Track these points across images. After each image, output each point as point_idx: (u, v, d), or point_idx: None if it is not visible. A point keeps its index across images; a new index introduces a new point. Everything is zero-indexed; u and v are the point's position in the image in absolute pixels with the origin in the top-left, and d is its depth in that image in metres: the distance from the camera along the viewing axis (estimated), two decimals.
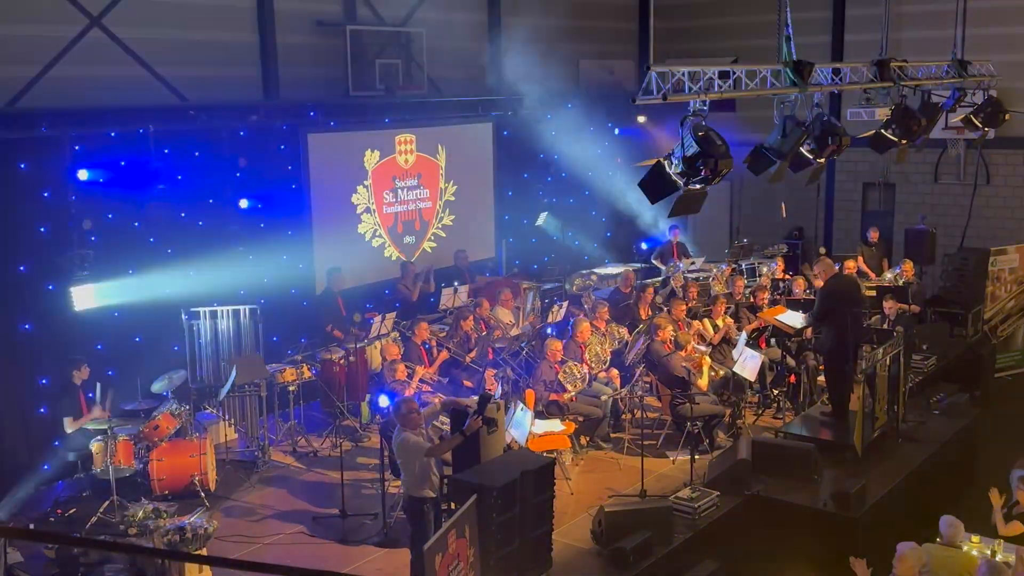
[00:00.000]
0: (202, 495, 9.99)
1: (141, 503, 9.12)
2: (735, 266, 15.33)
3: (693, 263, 15.68)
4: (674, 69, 8.59)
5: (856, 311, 10.87)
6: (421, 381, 11.07)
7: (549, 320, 13.06)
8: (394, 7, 14.78)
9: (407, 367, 10.96)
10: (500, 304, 13.29)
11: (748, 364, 11.48)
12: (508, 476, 7.97)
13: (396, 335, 12.45)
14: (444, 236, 15.28)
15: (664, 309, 13.03)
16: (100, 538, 9.16)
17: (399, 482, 8.90)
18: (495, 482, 7.85)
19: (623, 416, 11.66)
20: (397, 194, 14.57)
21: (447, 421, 9.68)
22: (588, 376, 11.41)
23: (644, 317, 12.94)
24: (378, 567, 8.96)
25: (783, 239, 17.22)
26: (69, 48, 11.45)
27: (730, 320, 12.70)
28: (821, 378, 12.12)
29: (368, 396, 11.84)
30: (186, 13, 12.40)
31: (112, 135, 10.99)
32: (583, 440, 11.22)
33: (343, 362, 12.01)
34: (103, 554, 8.69)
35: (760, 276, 14.91)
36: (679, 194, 8.56)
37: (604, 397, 11.39)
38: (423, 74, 14.70)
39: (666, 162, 8.44)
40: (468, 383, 11.65)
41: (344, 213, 13.80)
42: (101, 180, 10.90)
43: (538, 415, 10.48)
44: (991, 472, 9.50)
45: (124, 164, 11.11)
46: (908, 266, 14.65)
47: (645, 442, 10.62)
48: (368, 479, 10.54)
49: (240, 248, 11.89)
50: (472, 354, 11.93)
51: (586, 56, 18.17)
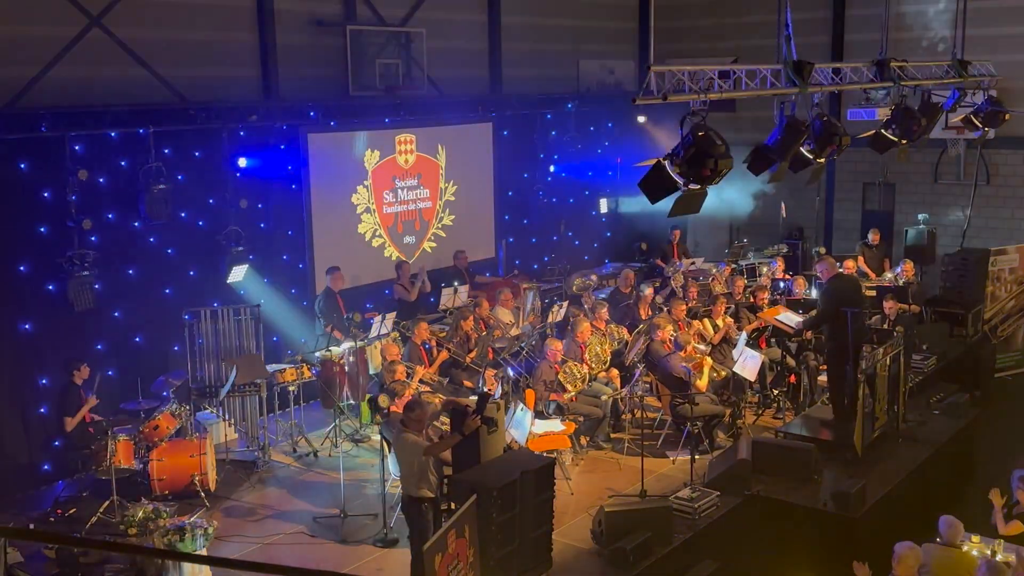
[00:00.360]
0: (202, 495, 9.99)
1: (141, 503, 9.12)
2: (735, 266, 15.33)
3: (693, 263, 15.68)
4: (674, 69, 8.59)
5: (856, 311, 10.87)
6: (421, 381, 11.06)
7: (549, 320, 13.07)
8: (394, 7, 14.77)
9: (407, 367, 10.95)
10: (500, 304, 13.29)
11: (748, 364, 11.48)
12: (508, 476, 7.97)
13: (396, 335, 12.45)
14: (444, 236, 15.27)
15: (664, 309, 13.03)
16: (100, 538, 9.15)
17: (399, 481, 8.91)
18: (495, 482, 7.86)
19: (623, 416, 11.66)
20: (397, 194, 14.56)
21: (447, 421, 9.68)
22: (588, 376, 11.41)
23: (644, 317, 12.94)
24: (378, 567, 8.97)
25: (783, 239, 17.22)
26: (69, 48, 11.44)
27: (730, 320, 12.70)
28: (821, 378, 12.13)
29: (368, 396, 11.83)
30: (186, 13, 12.40)
31: (112, 135, 10.99)
32: (583, 440, 11.22)
33: (343, 362, 12.02)
34: (103, 554, 8.70)
35: (760, 276, 14.91)
36: (679, 194, 8.56)
37: (604, 397, 11.39)
38: (423, 74, 14.69)
39: (666, 162, 8.45)
40: (468, 383, 11.65)
41: (344, 213, 13.79)
42: (101, 180, 10.92)
43: (538, 415, 10.48)
44: (991, 472, 9.50)
45: (124, 164, 11.13)
46: (908, 266, 14.66)
47: (645, 442, 10.62)
48: (368, 479, 10.54)
49: (240, 248, 11.89)
50: (472, 354, 11.93)
51: (586, 56, 18.17)
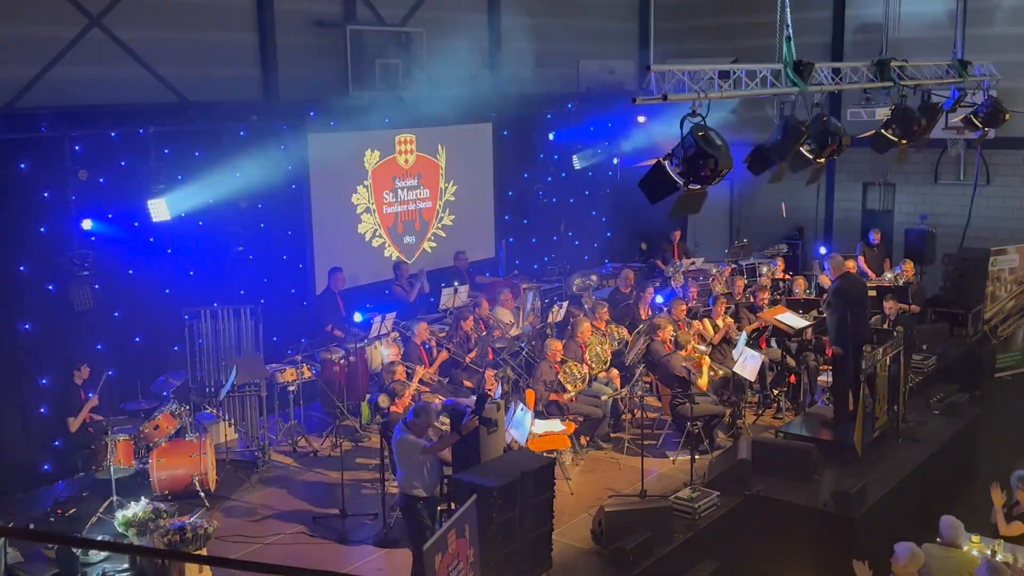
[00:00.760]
0: (202, 495, 9.99)
1: (141, 503, 9.12)
2: (735, 266, 15.33)
3: (693, 263, 15.68)
4: (674, 69, 8.59)
5: (857, 311, 10.87)
6: (420, 382, 11.06)
7: (549, 320, 13.06)
8: (394, 7, 14.77)
9: (407, 367, 10.95)
10: (500, 304, 13.29)
11: (748, 364, 11.48)
12: (508, 476, 7.97)
13: (396, 335, 12.45)
14: (444, 236, 15.27)
15: (664, 309, 13.03)
16: (100, 538, 9.15)
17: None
18: (495, 482, 7.85)
19: (623, 416, 11.66)
20: (397, 194, 14.56)
21: (447, 421, 9.69)
22: (588, 376, 11.41)
23: (644, 317, 12.94)
24: (378, 567, 8.97)
25: (783, 239, 17.22)
26: (69, 48, 11.44)
27: (730, 320, 12.70)
28: (821, 378, 12.13)
29: (368, 396, 11.84)
30: (186, 13, 12.40)
31: (112, 135, 10.99)
32: (583, 440, 11.22)
33: (343, 362, 12.02)
34: (103, 554, 8.69)
35: (760, 276, 14.91)
36: (679, 194, 8.56)
37: (604, 397, 11.39)
38: (423, 74, 14.69)
39: (666, 162, 8.44)
40: (468, 383, 11.65)
41: (344, 213, 13.79)
42: (101, 180, 10.92)
43: (538, 415, 10.48)
44: (991, 472, 9.49)
45: (124, 164, 11.12)
46: (908, 266, 14.65)
47: (645, 442, 10.62)
48: (368, 479, 10.54)
49: (240, 248, 11.88)
50: (472, 354, 11.93)
51: (586, 56, 18.17)
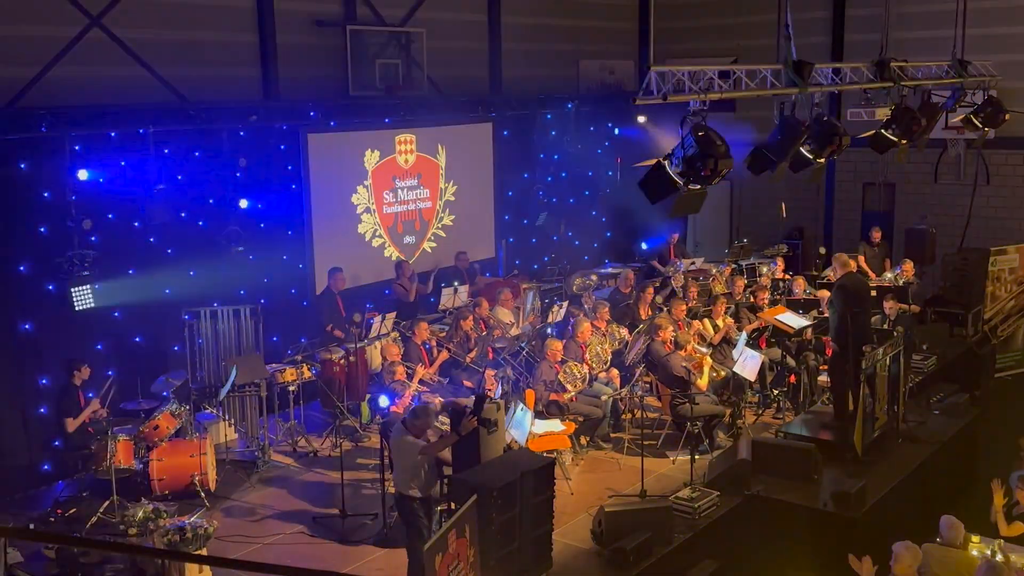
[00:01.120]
0: (202, 495, 9.99)
1: (141, 503, 9.11)
2: (735, 266, 15.33)
3: (693, 263, 15.67)
4: (674, 69, 8.59)
5: (858, 311, 10.86)
6: (421, 382, 11.06)
7: (549, 320, 13.06)
8: (394, 7, 14.77)
9: (407, 367, 10.95)
10: (500, 304, 13.28)
11: (748, 364, 11.48)
12: (508, 476, 7.97)
13: (396, 335, 12.45)
14: (444, 236, 15.27)
15: (664, 309, 13.03)
16: (100, 538, 9.15)
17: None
18: (495, 482, 7.85)
19: (623, 416, 11.66)
20: (397, 194, 14.56)
21: (447, 421, 9.69)
22: (588, 376, 11.41)
23: (644, 317, 12.94)
24: (378, 567, 8.96)
25: (783, 239, 17.22)
26: (69, 48, 11.44)
27: (730, 320, 12.70)
28: (821, 378, 12.13)
29: (368, 396, 11.84)
30: (186, 13, 12.40)
31: (112, 135, 10.98)
32: (583, 440, 11.22)
33: (343, 362, 12.02)
34: (103, 554, 8.70)
35: (760, 276, 14.91)
36: (679, 194, 8.56)
37: (604, 397, 11.38)
38: (423, 74, 14.70)
39: (666, 162, 8.45)
40: (468, 383, 11.65)
41: (344, 213, 13.79)
42: (101, 180, 10.91)
43: (538, 415, 10.48)
44: (991, 472, 9.49)
45: (124, 164, 11.12)
46: (908, 266, 14.65)
47: (645, 442, 10.62)
48: (368, 479, 10.54)
49: (240, 248, 11.89)
50: (472, 354, 11.93)
51: (586, 56, 18.17)
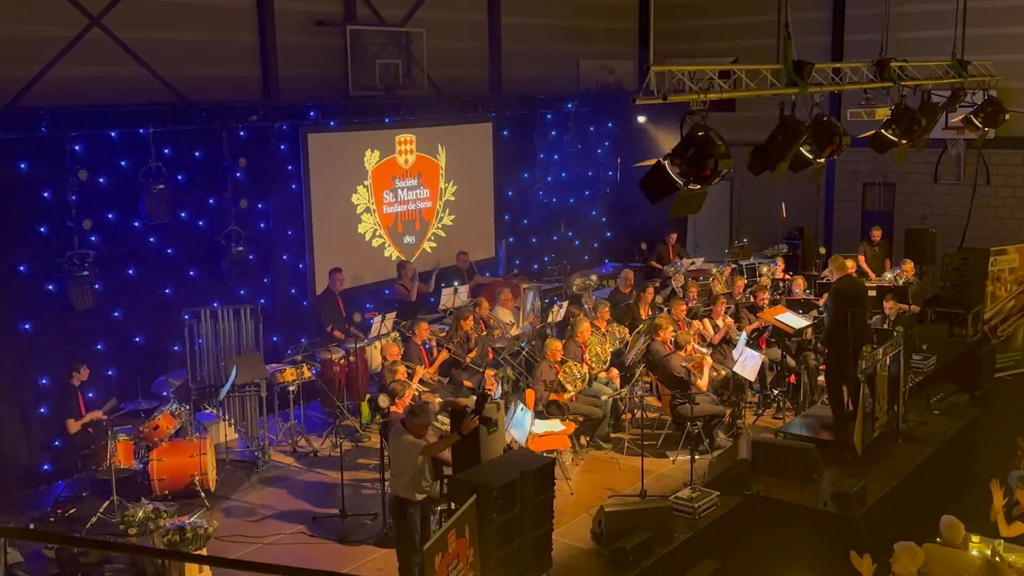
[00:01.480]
0: (202, 495, 9.99)
1: (141, 503, 9.11)
2: (735, 266, 15.33)
3: (693, 263, 15.67)
4: (674, 69, 8.59)
5: (857, 311, 10.86)
6: (421, 382, 11.06)
7: (549, 320, 13.06)
8: (394, 7, 14.77)
9: (407, 367, 10.94)
10: (500, 304, 13.28)
11: (748, 364, 11.48)
12: (508, 476, 7.95)
13: (396, 335, 12.45)
14: (444, 236, 15.27)
15: (664, 309, 13.02)
16: (100, 538, 9.15)
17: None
18: (495, 482, 7.84)
19: (623, 416, 11.66)
20: (397, 194, 14.56)
21: (447, 421, 9.68)
22: (588, 376, 11.41)
23: (644, 317, 12.94)
24: (378, 567, 8.95)
25: (783, 239, 17.22)
26: (69, 48, 11.45)
27: (730, 320, 12.70)
28: (821, 378, 12.13)
29: (368, 396, 11.84)
30: (186, 13, 12.40)
31: (112, 135, 10.99)
32: (583, 440, 11.22)
33: (343, 362, 12.02)
34: (103, 554, 8.70)
35: (760, 276, 14.91)
36: (679, 194, 8.56)
37: (604, 397, 11.38)
38: (423, 74, 14.70)
39: (666, 162, 8.44)
40: (468, 383, 11.65)
41: (344, 213, 13.79)
42: (101, 180, 10.92)
43: (538, 415, 10.48)
44: (991, 472, 9.49)
45: (124, 164, 11.13)
46: (908, 266, 14.65)
47: (645, 442, 10.62)
48: (368, 479, 10.54)
49: (240, 248, 11.89)
50: (472, 354, 11.93)
51: (586, 56, 18.17)
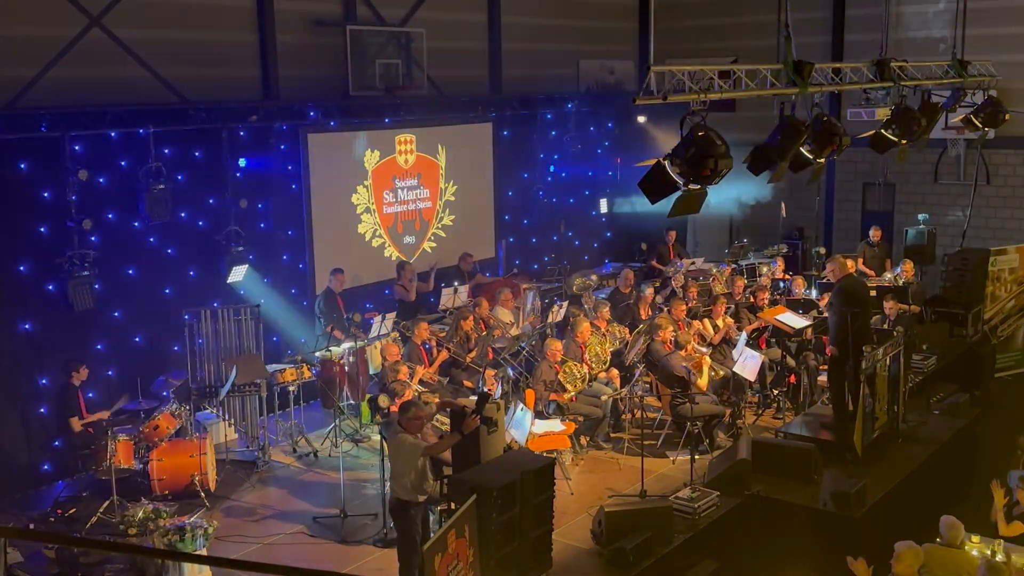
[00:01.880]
0: (202, 495, 9.99)
1: (141, 503, 9.12)
2: (735, 266, 15.33)
3: (693, 263, 15.67)
4: (674, 69, 8.59)
5: (857, 311, 10.86)
6: (421, 382, 11.06)
7: (549, 320, 13.06)
8: (394, 7, 14.77)
9: (409, 367, 10.95)
10: (500, 304, 13.28)
11: (748, 364, 11.48)
12: (508, 476, 7.96)
13: (396, 335, 12.45)
14: (444, 236, 15.27)
15: (664, 309, 13.02)
16: (100, 538, 9.15)
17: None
18: (495, 482, 7.85)
19: (623, 416, 11.66)
20: (397, 194, 14.56)
21: (446, 420, 9.69)
22: (588, 376, 11.41)
23: (644, 317, 12.94)
24: (378, 567, 8.96)
25: (783, 239, 17.22)
26: (69, 48, 11.45)
27: (730, 320, 12.70)
28: (821, 378, 12.13)
29: (368, 396, 11.84)
30: (186, 13, 12.40)
31: (112, 135, 10.99)
32: (583, 440, 11.22)
33: (343, 362, 12.02)
34: (103, 554, 8.70)
35: (760, 276, 14.91)
36: (679, 194, 8.56)
37: (604, 397, 11.38)
38: (423, 74, 14.70)
39: (666, 162, 8.44)
40: (468, 383, 11.65)
41: (344, 213, 13.79)
42: (101, 180, 10.92)
43: (538, 415, 10.48)
44: (991, 472, 9.49)
45: (124, 164, 11.13)
46: (908, 266, 14.65)
47: (645, 442, 10.62)
48: (368, 479, 10.54)
49: (240, 248, 11.89)
50: (472, 354, 11.93)
51: (586, 56, 18.17)
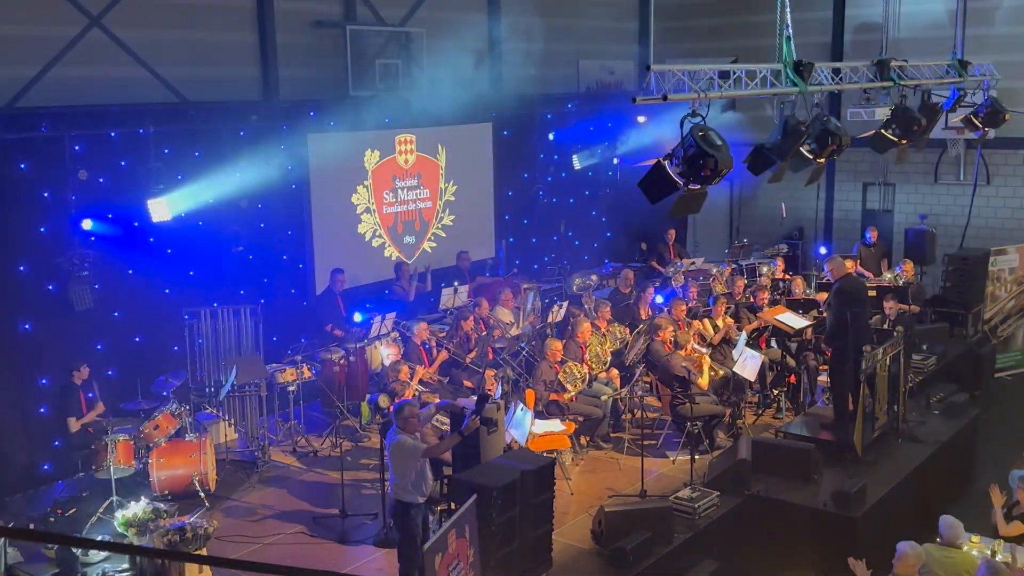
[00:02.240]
0: (202, 495, 9.99)
1: (141, 503, 9.12)
2: (735, 266, 15.33)
3: (693, 263, 15.67)
4: (674, 69, 8.59)
5: (857, 311, 10.86)
6: (421, 382, 11.06)
7: (549, 320, 13.06)
8: (394, 7, 14.78)
9: (410, 367, 10.95)
10: (500, 304, 13.29)
11: (748, 364, 11.48)
12: (508, 476, 7.96)
13: (396, 335, 12.45)
14: (444, 236, 15.28)
15: (664, 309, 13.02)
16: (100, 538, 9.15)
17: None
18: (495, 482, 7.85)
19: (623, 416, 11.66)
20: (397, 194, 14.56)
21: (446, 420, 9.69)
22: (588, 376, 11.41)
23: (644, 317, 12.94)
24: (378, 567, 8.97)
25: (783, 239, 17.22)
26: (69, 48, 11.45)
27: (730, 320, 12.70)
28: (821, 378, 12.13)
29: (368, 396, 11.85)
30: (186, 13, 12.41)
31: (112, 135, 10.99)
32: (583, 440, 11.22)
33: (343, 362, 12.02)
34: (103, 554, 8.69)
35: (760, 276, 14.91)
36: (679, 194, 8.56)
37: (604, 397, 11.39)
38: (423, 74, 14.70)
39: (666, 162, 8.44)
40: (468, 383, 11.65)
41: (344, 213, 13.80)
42: (101, 180, 10.92)
43: (538, 415, 10.48)
44: (991, 472, 9.50)
45: (124, 164, 11.13)
46: (908, 266, 14.66)
47: (645, 442, 10.62)
48: (368, 479, 10.54)
49: (240, 248, 11.89)
50: (472, 354, 11.93)
51: (586, 56, 18.17)
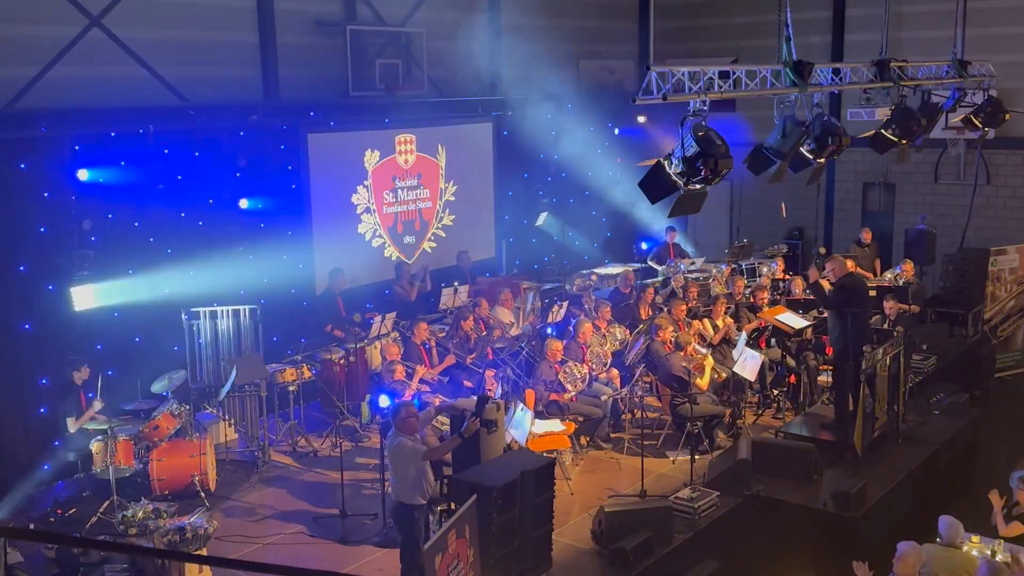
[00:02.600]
0: (202, 495, 9.99)
1: (141, 503, 9.12)
2: (735, 266, 15.33)
3: (693, 263, 15.67)
4: (674, 69, 8.59)
5: (858, 311, 10.86)
6: (421, 381, 11.06)
7: (549, 320, 13.06)
8: (394, 7, 14.78)
9: (406, 367, 10.95)
10: (500, 304, 13.29)
11: (748, 364, 11.48)
12: (508, 476, 7.97)
13: (396, 335, 12.45)
14: (444, 236, 15.28)
15: (664, 309, 13.03)
16: (100, 538, 9.15)
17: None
18: (495, 482, 7.85)
19: (623, 416, 11.66)
20: (397, 194, 14.56)
21: (446, 421, 9.69)
22: (588, 376, 11.41)
23: (644, 317, 12.95)
24: (378, 567, 8.96)
25: (783, 239, 17.22)
26: (69, 48, 11.45)
27: (730, 320, 12.70)
28: (821, 378, 12.13)
29: (368, 396, 11.85)
30: (186, 13, 12.41)
31: (112, 135, 10.99)
32: (583, 440, 11.23)
33: (343, 362, 12.02)
34: (103, 554, 8.70)
35: (760, 276, 14.91)
36: (679, 194, 8.56)
37: (604, 397, 11.39)
38: (423, 74, 14.70)
39: (666, 162, 8.45)
40: (468, 384, 11.65)
41: (344, 213, 13.80)
42: (101, 180, 10.92)
43: (538, 415, 10.48)
44: (991, 472, 9.51)
45: (124, 164, 11.13)
46: (908, 266, 14.65)
47: (645, 442, 10.62)
48: (368, 479, 10.54)
49: (240, 248, 11.88)
50: (472, 356, 11.93)
51: (586, 56, 18.17)
